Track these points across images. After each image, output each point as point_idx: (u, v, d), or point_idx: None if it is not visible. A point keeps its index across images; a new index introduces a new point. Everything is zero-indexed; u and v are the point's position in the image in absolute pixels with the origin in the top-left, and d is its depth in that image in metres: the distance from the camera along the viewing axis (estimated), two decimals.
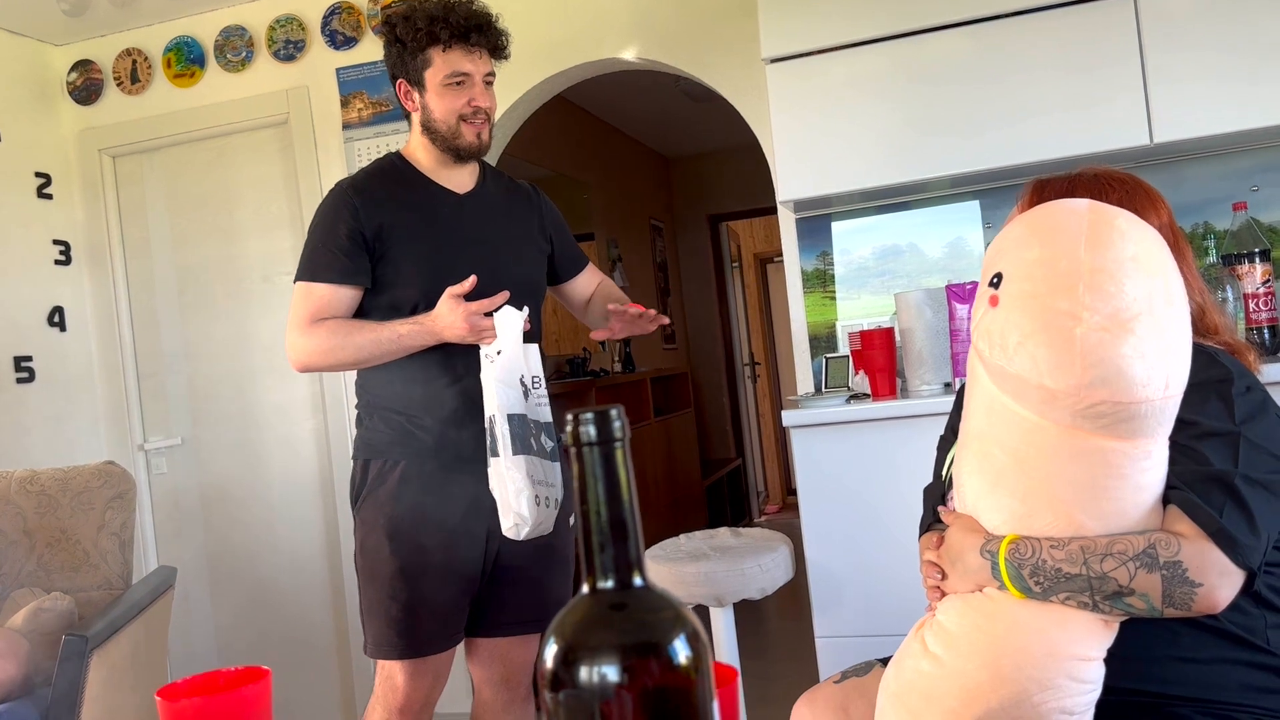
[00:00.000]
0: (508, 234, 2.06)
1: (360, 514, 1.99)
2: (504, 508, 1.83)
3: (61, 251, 3.64)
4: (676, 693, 0.60)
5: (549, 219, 2.17)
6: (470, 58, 1.94)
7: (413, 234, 1.96)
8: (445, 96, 1.95)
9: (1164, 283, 1.11)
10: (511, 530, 1.84)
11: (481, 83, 1.97)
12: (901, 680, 1.21)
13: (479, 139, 1.99)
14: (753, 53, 2.95)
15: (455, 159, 2.01)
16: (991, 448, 1.17)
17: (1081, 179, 1.40)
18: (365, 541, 1.97)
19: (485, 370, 1.86)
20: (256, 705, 0.95)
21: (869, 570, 2.43)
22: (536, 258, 2.12)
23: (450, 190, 2.03)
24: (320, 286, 1.94)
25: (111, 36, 3.66)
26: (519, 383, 1.88)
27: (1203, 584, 1.08)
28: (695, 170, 7.13)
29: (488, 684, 2.09)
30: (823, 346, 3.12)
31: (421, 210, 1.99)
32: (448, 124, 1.96)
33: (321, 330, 1.92)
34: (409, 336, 1.89)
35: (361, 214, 1.94)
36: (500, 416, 1.83)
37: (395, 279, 1.95)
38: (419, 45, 1.93)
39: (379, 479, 1.96)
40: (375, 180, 2.02)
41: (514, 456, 1.82)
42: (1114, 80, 2.49)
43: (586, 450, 0.61)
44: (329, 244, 1.94)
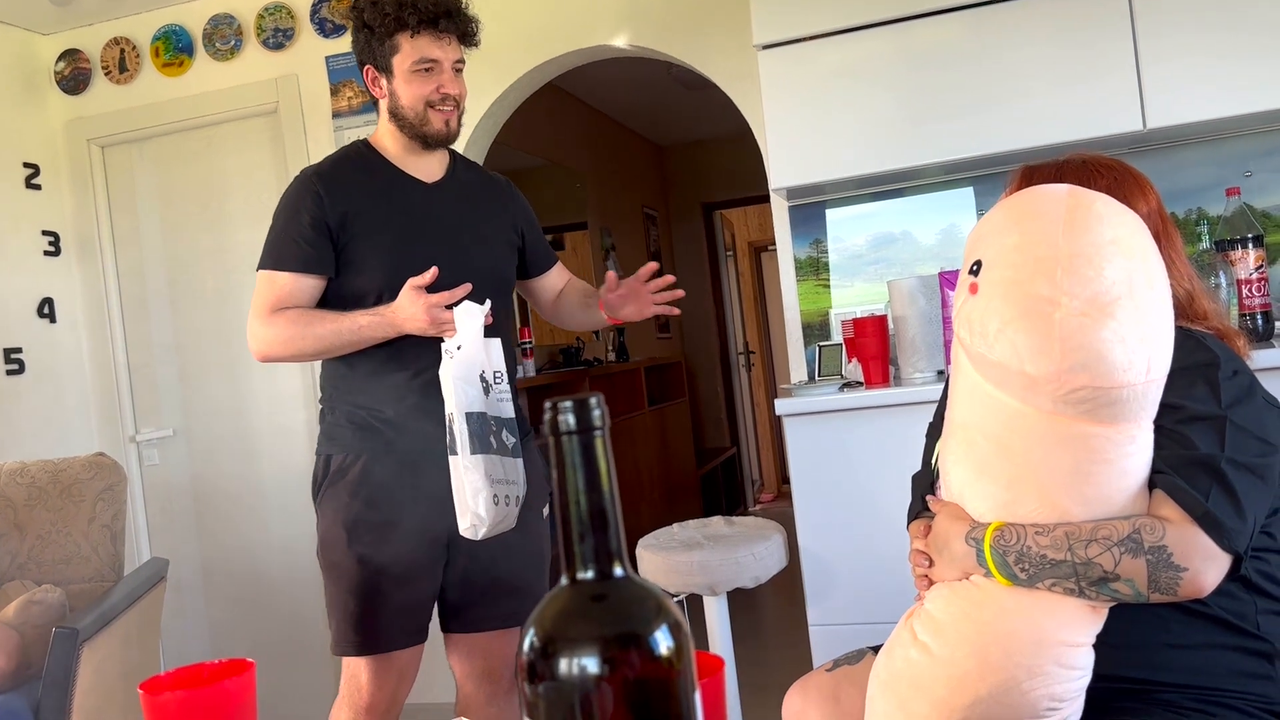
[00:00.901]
0: (476, 225, 2.03)
1: (320, 508, 1.96)
2: (461, 507, 1.81)
3: (51, 242, 3.62)
4: (658, 684, 0.59)
5: (520, 212, 2.14)
6: (439, 44, 1.91)
7: (377, 222, 1.93)
8: (413, 83, 1.92)
9: (1144, 266, 1.10)
10: (469, 530, 1.81)
11: (450, 69, 1.94)
12: (891, 669, 1.21)
13: (447, 126, 1.96)
14: (745, 39, 2.94)
15: (423, 146, 1.98)
16: (975, 435, 1.17)
17: (1070, 165, 1.40)
18: (325, 536, 1.95)
19: (444, 366, 1.83)
20: (241, 698, 0.94)
21: (862, 558, 2.43)
22: (505, 250, 2.09)
23: (418, 179, 2.00)
24: (282, 275, 1.91)
25: (99, 25, 3.63)
26: (479, 379, 1.85)
27: (1188, 568, 1.08)
28: (689, 158, 7.11)
29: (469, 678, 2.07)
30: (816, 335, 3.11)
31: (387, 198, 1.96)
32: (415, 111, 1.93)
33: (282, 320, 1.89)
34: (369, 328, 1.86)
35: (326, 201, 1.91)
36: (459, 415, 1.80)
37: (359, 267, 1.92)
38: (387, 31, 1.90)
39: (339, 473, 1.94)
40: (341, 167, 1.99)
41: (472, 456, 1.80)
42: (1107, 66, 2.48)
43: (565, 439, 0.60)
44: (292, 232, 1.91)
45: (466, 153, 3.34)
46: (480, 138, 3.39)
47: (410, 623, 1.95)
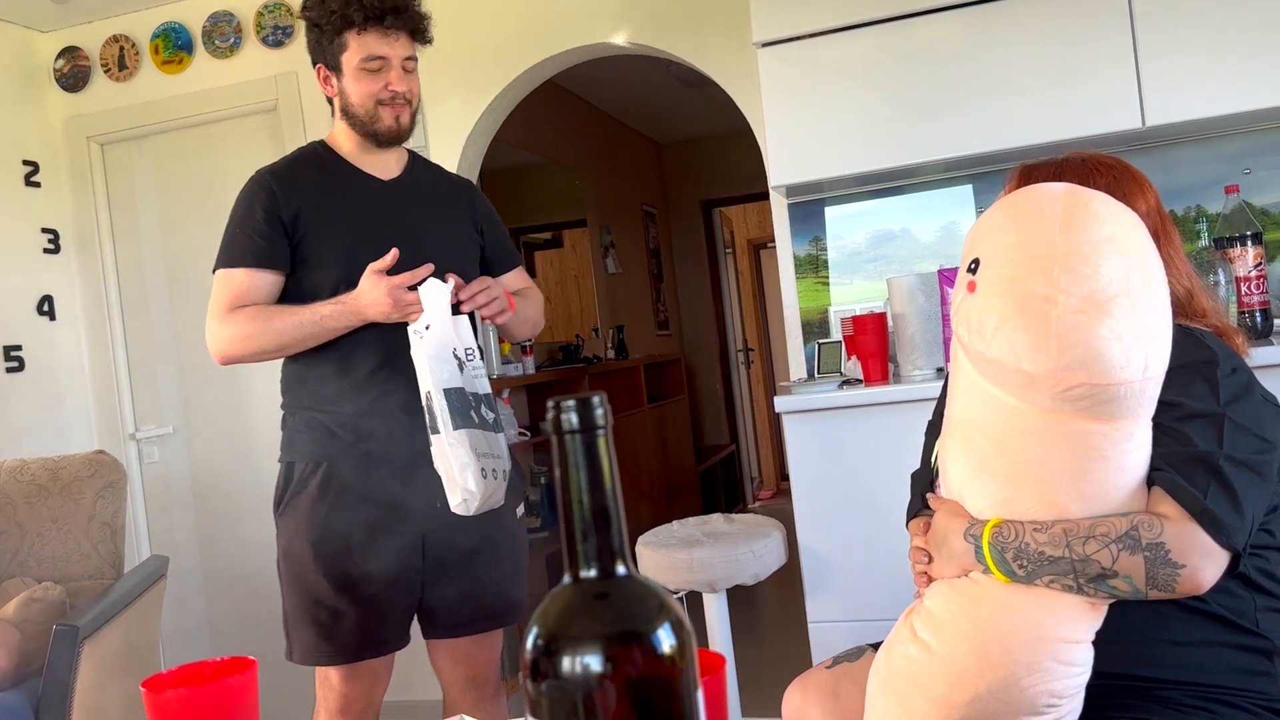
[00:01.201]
0: (434, 221, 2.01)
1: (282, 519, 1.93)
2: (450, 484, 1.78)
3: (50, 240, 3.62)
4: (660, 682, 0.60)
5: (481, 211, 2.11)
6: (386, 41, 1.88)
7: (331, 219, 1.91)
8: (361, 81, 1.90)
9: (1141, 264, 1.10)
10: (461, 506, 1.78)
11: (399, 67, 1.91)
12: (890, 666, 1.21)
13: (398, 123, 1.93)
14: (744, 37, 2.93)
15: (375, 144, 1.96)
16: (974, 433, 1.18)
17: (1069, 163, 1.40)
18: (289, 548, 1.91)
19: (415, 347, 1.80)
20: (243, 696, 0.94)
21: (862, 555, 2.43)
22: (466, 247, 2.05)
23: (373, 176, 1.98)
24: (238, 272, 1.88)
25: (98, 23, 3.63)
26: (452, 355, 1.82)
27: (1186, 565, 1.08)
28: (688, 156, 7.10)
29: (455, 685, 2.04)
30: (815, 332, 3.11)
31: (341, 195, 1.94)
32: (365, 108, 1.91)
33: (240, 317, 1.86)
34: (332, 318, 1.83)
35: (279, 197, 1.89)
36: (436, 393, 1.78)
37: (314, 264, 1.90)
38: (334, 29, 1.88)
39: (301, 484, 1.91)
40: (295, 165, 1.98)
41: (455, 431, 1.77)
42: (1106, 63, 2.48)
43: (568, 438, 0.61)
44: (246, 228, 1.89)
45: (466, 150, 3.35)
46: (479, 135, 3.39)
47: (386, 631, 1.91)
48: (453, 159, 3.33)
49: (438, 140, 3.33)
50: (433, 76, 3.33)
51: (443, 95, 3.32)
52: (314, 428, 1.92)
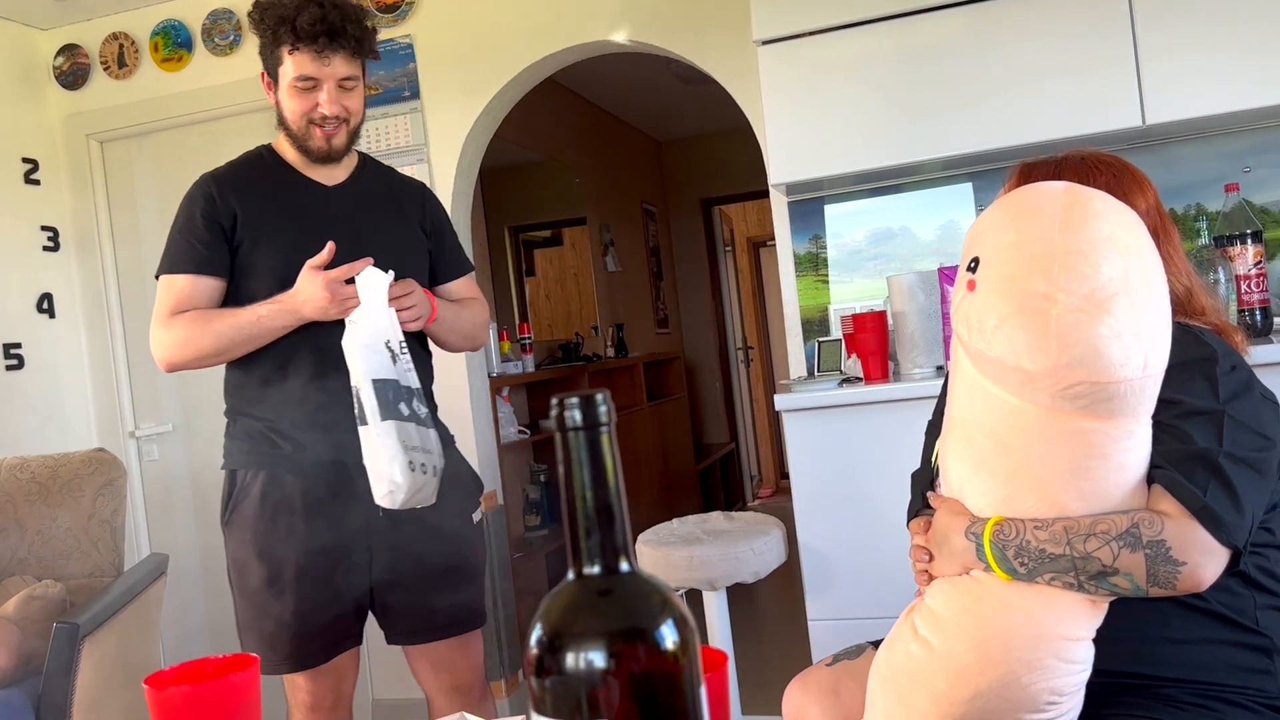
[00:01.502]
0: (380, 227, 1.98)
1: (229, 529, 1.92)
2: (376, 476, 1.76)
3: (50, 238, 3.61)
4: (664, 678, 0.60)
5: (431, 217, 2.08)
6: (318, 62, 1.83)
7: (272, 224, 1.89)
8: (293, 98, 1.87)
9: (1140, 262, 1.11)
10: (386, 499, 1.77)
11: (334, 88, 1.87)
12: (891, 664, 1.21)
13: (329, 144, 1.90)
14: (744, 35, 2.93)
15: (309, 159, 1.94)
16: (974, 431, 1.18)
17: (1068, 162, 1.40)
18: (235, 557, 1.90)
19: (348, 335, 1.78)
20: (245, 693, 0.94)
21: (862, 553, 2.43)
22: (413, 253, 2.02)
23: (318, 182, 1.96)
24: (179, 278, 1.87)
25: (98, 20, 3.62)
26: (385, 347, 1.80)
27: (1186, 563, 1.08)
28: (687, 154, 7.10)
29: (439, 693, 2.02)
30: (815, 330, 3.11)
31: (283, 200, 1.92)
32: (297, 126, 1.89)
33: (180, 322, 1.85)
34: (270, 317, 1.81)
35: (219, 203, 1.88)
36: (365, 383, 1.76)
37: (254, 269, 1.88)
38: (271, 43, 1.86)
39: (243, 492, 1.90)
40: (237, 170, 1.96)
41: (383, 423, 1.76)
42: (1106, 61, 2.48)
43: (572, 435, 0.61)
44: (187, 234, 1.88)
45: (466, 148, 3.35)
46: (479, 133, 3.38)
47: (332, 636, 1.90)
48: (452, 157, 3.32)
49: (437, 138, 3.33)
50: (432, 74, 3.33)
51: (442, 93, 3.32)
52: (253, 435, 1.91)
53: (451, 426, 3.57)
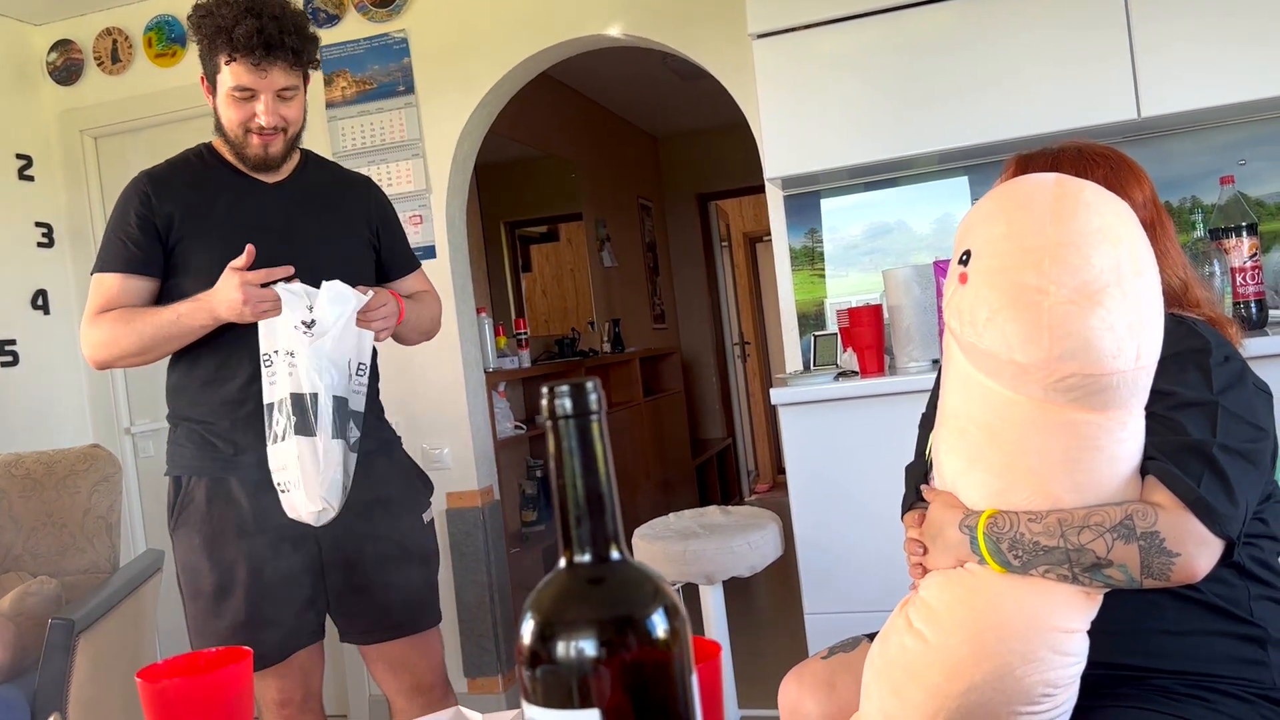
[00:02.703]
0: (323, 225, 1.96)
1: (176, 535, 1.90)
2: (310, 490, 1.74)
3: (44, 234, 3.61)
4: (655, 666, 0.60)
5: (377, 212, 2.06)
6: (255, 73, 1.80)
7: (208, 222, 1.87)
8: (230, 106, 1.85)
9: (1131, 253, 1.10)
10: (313, 516, 1.76)
11: (272, 98, 1.84)
12: (886, 657, 1.21)
13: (265, 152, 1.87)
14: (740, 28, 2.93)
15: (246, 166, 1.92)
16: (967, 424, 1.18)
17: (1065, 154, 1.40)
18: (186, 564, 1.89)
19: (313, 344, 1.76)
20: (238, 686, 0.94)
21: (858, 547, 2.43)
22: (358, 251, 2.01)
23: (257, 179, 1.94)
24: (109, 277, 1.86)
25: (91, 16, 3.61)
26: (346, 365, 1.80)
27: (1180, 554, 1.08)
28: (684, 149, 7.10)
29: (400, 694, 2.01)
30: (811, 324, 3.11)
31: (220, 199, 1.90)
32: (234, 133, 1.88)
33: (106, 320, 1.84)
34: (188, 315, 1.79)
35: (154, 201, 1.86)
36: (326, 395, 1.75)
37: (188, 269, 1.85)
38: (208, 51, 1.84)
39: (188, 497, 1.88)
40: (175, 169, 1.94)
41: (332, 440, 1.76)
42: (1102, 54, 2.48)
43: (562, 423, 0.61)
44: (119, 233, 1.86)
45: (461, 144, 3.34)
46: (474, 128, 3.38)
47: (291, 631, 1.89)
48: (447, 152, 3.32)
49: (432, 134, 3.33)
50: (427, 69, 3.33)
51: (437, 88, 3.32)
52: (194, 440, 1.90)
53: (448, 422, 3.56)
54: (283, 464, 1.77)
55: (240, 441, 1.86)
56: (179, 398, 1.92)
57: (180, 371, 1.91)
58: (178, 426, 1.93)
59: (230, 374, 1.86)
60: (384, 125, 3.36)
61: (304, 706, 1.94)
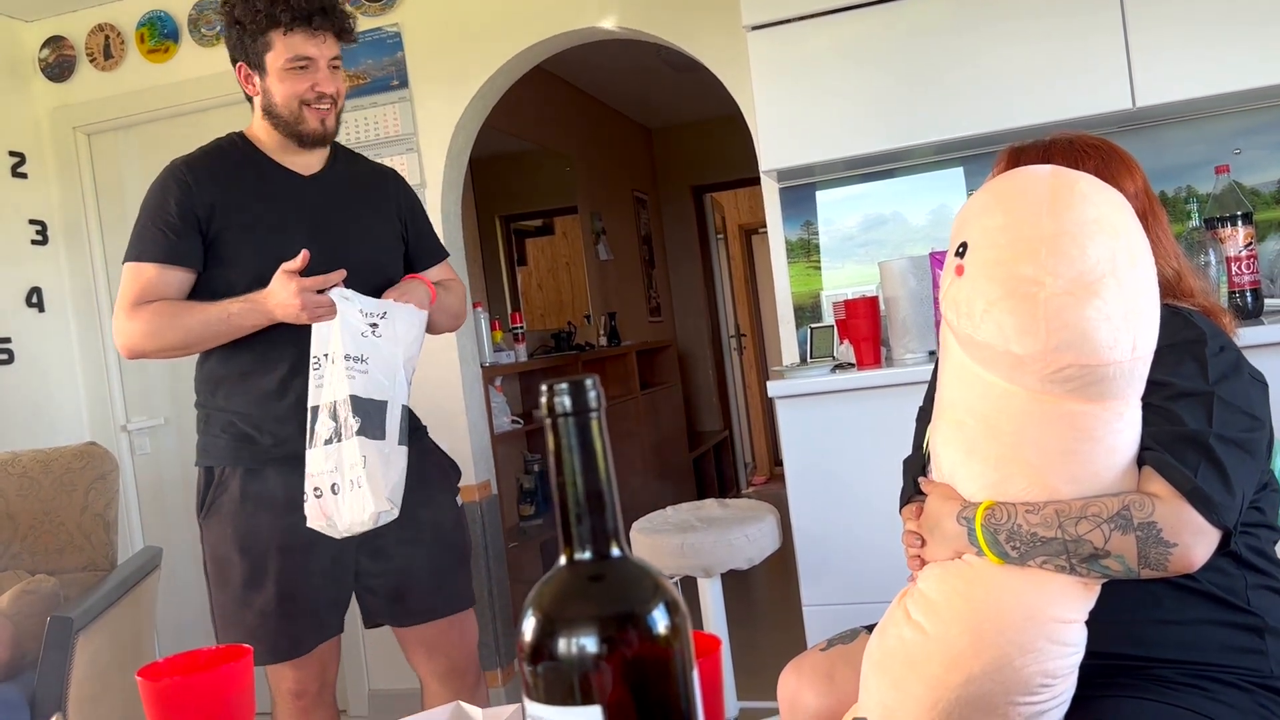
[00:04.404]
0: (356, 217, 1.98)
1: (206, 524, 1.92)
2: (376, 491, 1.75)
3: (38, 231, 3.59)
4: (656, 662, 0.60)
5: (405, 204, 2.09)
6: (313, 41, 1.85)
7: (247, 214, 1.88)
8: (286, 81, 1.86)
9: (1127, 244, 1.11)
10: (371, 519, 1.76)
11: (326, 67, 1.88)
12: (885, 648, 1.21)
13: (323, 125, 1.90)
14: (734, 20, 2.92)
15: (299, 145, 1.93)
16: (964, 416, 1.18)
17: (1056, 145, 1.40)
18: (215, 552, 1.90)
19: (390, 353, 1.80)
20: (238, 683, 0.94)
21: (856, 539, 2.44)
22: (389, 243, 2.03)
23: (293, 171, 1.95)
24: (147, 267, 1.85)
25: (83, 11, 3.60)
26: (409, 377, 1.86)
27: (1177, 544, 1.09)
28: (678, 141, 7.09)
29: (434, 677, 2.04)
30: (808, 317, 3.11)
31: (258, 190, 1.91)
32: (290, 109, 1.88)
33: (147, 312, 1.83)
34: (240, 315, 1.80)
35: (194, 191, 1.86)
36: (397, 404, 1.79)
37: (228, 260, 1.87)
38: (259, 28, 1.85)
39: (221, 487, 1.89)
40: (211, 158, 1.94)
41: (398, 446, 1.79)
42: (1096, 44, 2.48)
43: (561, 421, 0.61)
44: (158, 222, 1.86)
45: (455, 137, 3.33)
46: (468, 121, 3.37)
47: (316, 626, 1.91)
48: (441, 146, 3.31)
49: (426, 128, 3.32)
50: (421, 63, 3.32)
51: (431, 82, 3.31)
52: (230, 431, 1.90)
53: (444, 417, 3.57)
54: (329, 467, 1.77)
55: (280, 433, 1.87)
56: (215, 389, 1.92)
57: (217, 362, 1.91)
58: (211, 417, 1.93)
59: (270, 366, 1.87)
60: (378, 119, 3.35)
61: (319, 698, 1.96)
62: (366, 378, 1.77)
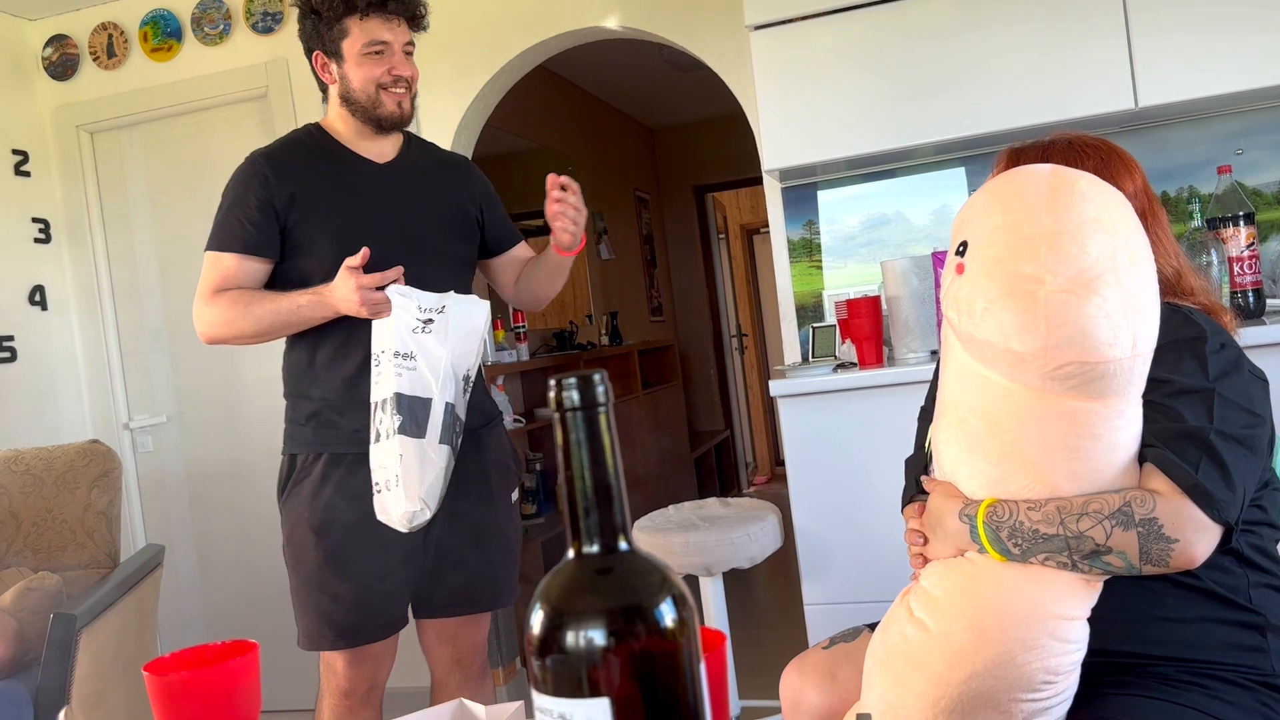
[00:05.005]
0: (430, 205, 2.01)
1: (285, 508, 1.95)
2: (409, 492, 1.77)
3: (41, 229, 3.60)
4: (663, 656, 0.60)
5: (479, 191, 2.12)
6: (388, 26, 1.91)
7: (325, 204, 1.92)
8: (364, 66, 1.91)
9: (1126, 242, 1.11)
10: (406, 518, 1.79)
11: (400, 51, 1.93)
12: (888, 645, 1.22)
13: (400, 108, 1.95)
14: (737, 20, 2.93)
15: (376, 130, 1.97)
16: (965, 414, 1.18)
17: (1056, 145, 1.41)
18: (292, 535, 1.94)
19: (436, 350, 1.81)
20: (245, 678, 0.95)
21: (857, 538, 2.44)
22: (463, 230, 2.06)
23: (369, 160, 1.99)
24: (226, 256, 1.91)
25: (86, 10, 3.60)
26: (464, 379, 1.86)
27: (1179, 540, 1.09)
28: (680, 141, 7.09)
29: (440, 664, 2.07)
30: (809, 316, 3.12)
31: (335, 180, 1.95)
32: (367, 94, 1.92)
33: (224, 300, 1.89)
34: (307, 308, 1.86)
35: (272, 182, 1.91)
36: (440, 401, 1.80)
37: (305, 250, 1.92)
38: (335, 15, 1.89)
39: (303, 472, 1.93)
40: (289, 149, 1.98)
41: (439, 445, 1.80)
42: (1098, 45, 2.48)
43: (570, 415, 0.61)
44: (237, 213, 1.91)
45: (458, 136, 3.34)
46: (471, 121, 3.38)
47: (383, 616, 1.93)
48: (444, 145, 3.31)
49: (429, 126, 3.32)
50: (424, 62, 3.30)
51: (434, 81, 3.31)
52: (313, 418, 1.94)
53: None
54: (382, 464, 1.80)
55: (358, 420, 1.90)
56: (301, 376, 1.96)
57: (302, 350, 1.95)
58: (296, 406, 1.97)
59: (350, 353, 1.91)
60: None
61: (366, 699, 1.98)
62: (414, 375, 1.80)
